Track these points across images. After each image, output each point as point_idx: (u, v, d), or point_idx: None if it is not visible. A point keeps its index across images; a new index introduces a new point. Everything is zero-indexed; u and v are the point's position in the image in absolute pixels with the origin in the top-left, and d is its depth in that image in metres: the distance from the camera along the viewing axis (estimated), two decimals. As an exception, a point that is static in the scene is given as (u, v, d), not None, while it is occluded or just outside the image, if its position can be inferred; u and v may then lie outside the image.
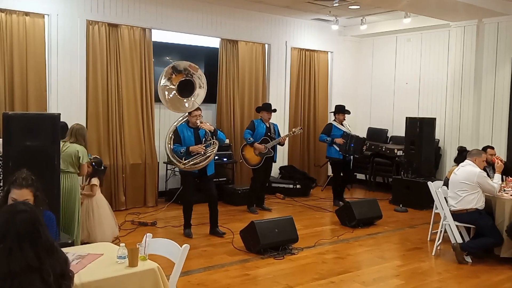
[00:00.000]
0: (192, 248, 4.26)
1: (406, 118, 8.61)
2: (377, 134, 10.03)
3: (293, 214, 6.29)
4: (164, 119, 8.22)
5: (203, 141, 6.00)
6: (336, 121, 8.16)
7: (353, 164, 9.82)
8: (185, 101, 5.99)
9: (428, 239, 6.19)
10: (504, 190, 5.62)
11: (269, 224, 5.61)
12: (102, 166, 5.83)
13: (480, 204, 5.36)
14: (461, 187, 5.39)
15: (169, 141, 6.11)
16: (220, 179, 8.01)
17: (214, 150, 5.98)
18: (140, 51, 7.65)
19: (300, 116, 9.83)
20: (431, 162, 8.56)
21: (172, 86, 5.90)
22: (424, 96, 9.51)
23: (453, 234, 5.46)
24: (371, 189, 9.60)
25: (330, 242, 6.07)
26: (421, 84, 9.57)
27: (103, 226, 5.52)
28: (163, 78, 5.87)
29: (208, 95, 6.24)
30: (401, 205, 8.03)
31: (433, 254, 5.63)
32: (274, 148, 7.56)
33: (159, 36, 8.00)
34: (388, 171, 9.39)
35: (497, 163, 5.66)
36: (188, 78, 5.96)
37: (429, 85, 9.43)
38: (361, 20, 9.17)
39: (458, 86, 8.59)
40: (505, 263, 5.24)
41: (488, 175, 5.57)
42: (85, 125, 6.77)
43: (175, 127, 6.12)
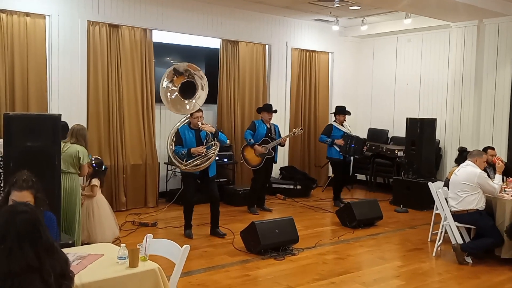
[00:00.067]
0: (192, 249, 4.26)
1: (407, 118, 8.61)
2: (378, 135, 10.03)
3: (294, 215, 6.30)
4: (164, 119, 8.23)
5: (204, 142, 6.00)
6: (337, 122, 8.17)
7: (353, 164, 9.86)
8: (186, 102, 6.00)
9: (429, 240, 6.19)
10: (505, 191, 5.62)
11: (269, 225, 5.61)
12: (103, 167, 5.83)
13: (481, 205, 5.36)
14: (461, 187, 5.38)
15: (171, 143, 6.12)
16: (220, 179, 8.00)
17: (215, 152, 5.99)
18: (141, 51, 7.66)
19: (301, 117, 9.83)
20: (432, 162, 8.56)
21: (174, 87, 5.92)
22: (425, 96, 9.51)
23: (453, 235, 5.46)
24: (372, 189, 9.59)
25: (331, 242, 6.07)
26: (421, 84, 9.57)
27: (104, 227, 5.52)
28: (165, 80, 5.89)
29: (209, 96, 6.26)
30: (401, 206, 8.03)
31: (433, 254, 5.63)
32: (274, 148, 7.56)
33: (159, 36, 8.01)
34: (389, 171, 9.39)
35: (498, 163, 5.66)
36: (190, 80, 5.97)
37: (429, 85, 9.43)
38: (362, 20, 9.17)
39: (458, 86, 8.59)
40: (506, 264, 5.24)
41: (488, 175, 5.57)
42: (85, 126, 6.77)
43: (176, 129, 6.13)
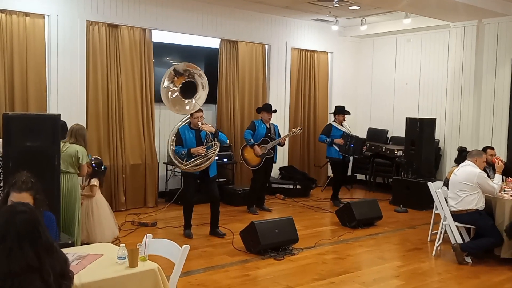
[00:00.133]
0: (192, 249, 4.25)
1: (406, 118, 8.61)
2: (377, 135, 10.03)
3: (293, 215, 6.30)
4: (164, 119, 8.23)
5: (205, 142, 6.00)
6: (336, 121, 8.17)
7: (353, 164, 9.89)
8: (186, 102, 6.00)
9: (428, 240, 6.19)
10: (504, 191, 5.62)
11: (269, 225, 5.61)
12: (102, 167, 5.83)
13: (480, 205, 5.36)
14: (461, 187, 5.38)
15: (171, 143, 6.12)
16: (220, 179, 8.00)
17: (215, 152, 5.98)
18: (140, 51, 7.65)
19: (300, 117, 9.83)
20: (431, 162, 8.56)
21: (175, 88, 5.93)
22: (424, 96, 9.51)
23: (453, 235, 5.46)
24: (371, 189, 9.59)
25: (330, 242, 6.07)
26: (421, 84, 9.57)
27: (103, 227, 5.52)
28: (166, 81, 5.89)
29: (208, 96, 6.25)
30: (401, 206, 8.03)
31: (433, 254, 5.63)
32: (274, 148, 7.56)
33: (159, 36, 8.01)
34: (388, 171, 9.39)
35: (497, 163, 5.66)
36: (190, 80, 5.98)
37: (429, 85, 9.43)
38: (361, 20, 9.16)
39: (458, 86, 8.59)
40: (505, 264, 5.24)
41: (488, 175, 5.57)
42: (85, 126, 6.77)
43: (177, 129, 6.14)
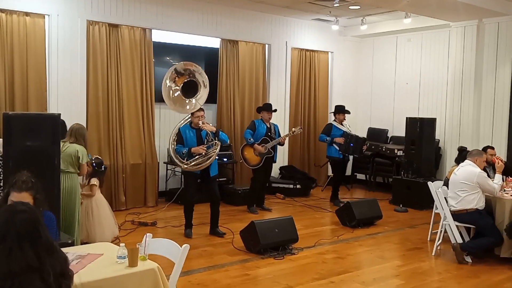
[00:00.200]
0: (192, 248, 4.26)
1: (406, 118, 8.61)
2: (377, 134, 10.03)
3: (293, 214, 6.30)
4: (164, 119, 8.23)
5: (205, 142, 6.00)
6: (336, 121, 8.18)
7: (353, 164, 9.89)
8: (187, 102, 6.00)
9: (428, 239, 6.19)
10: (504, 190, 5.62)
11: (269, 224, 5.61)
12: (102, 167, 5.82)
13: (480, 204, 5.36)
14: (461, 187, 5.38)
15: (173, 142, 6.13)
16: (220, 179, 8.00)
17: (216, 151, 5.99)
18: (141, 51, 7.65)
19: (300, 116, 9.83)
20: (431, 162, 8.56)
21: (176, 87, 5.94)
22: (424, 96, 9.51)
23: (453, 234, 5.46)
24: (371, 189, 9.60)
25: (330, 242, 6.07)
26: (421, 84, 9.57)
27: (103, 226, 5.52)
28: (168, 80, 5.90)
29: (209, 96, 6.25)
30: (401, 205, 8.03)
31: (433, 254, 5.63)
32: (274, 148, 7.56)
33: (159, 36, 8.01)
34: (388, 171, 9.39)
35: (498, 163, 5.66)
36: (192, 79, 5.98)
37: (429, 85, 9.43)
38: (362, 20, 9.16)
39: (458, 86, 8.59)
40: (505, 263, 5.24)
41: (488, 175, 5.57)
42: (85, 125, 6.78)
43: (178, 128, 6.15)
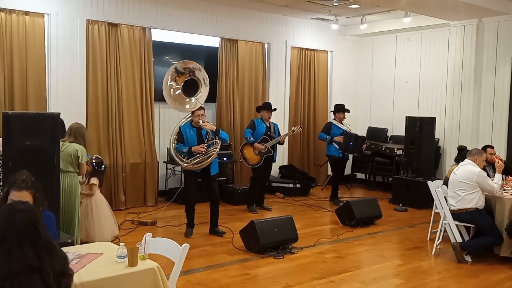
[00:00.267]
0: (192, 248, 4.25)
1: (406, 117, 8.61)
2: (377, 134, 10.02)
3: (293, 214, 6.29)
4: (164, 118, 8.23)
5: (205, 140, 6.00)
6: (336, 119, 8.18)
7: (353, 163, 9.88)
8: (187, 100, 6.01)
9: (428, 239, 6.19)
10: (504, 190, 5.62)
11: (269, 224, 5.61)
12: (102, 166, 5.82)
13: (480, 204, 5.35)
14: (460, 186, 5.38)
15: (173, 141, 6.14)
16: (220, 178, 8.00)
17: (216, 150, 5.99)
18: (140, 50, 7.65)
19: (300, 115, 9.83)
20: (431, 161, 8.56)
21: (177, 86, 5.95)
22: (424, 95, 9.51)
23: (453, 234, 5.47)
24: (371, 188, 9.59)
25: (330, 241, 6.07)
26: (421, 83, 9.57)
27: (102, 226, 5.52)
28: (169, 80, 5.90)
29: (208, 95, 6.26)
30: (401, 205, 8.02)
31: (433, 253, 5.63)
32: (274, 147, 7.56)
33: (159, 35, 8.00)
34: (388, 170, 9.39)
35: (497, 162, 5.65)
36: (192, 78, 5.98)
37: (429, 84, 9.43)
38: (361, 19, 9.16)
39: (458, 85, 8.59)
40: (505, 262, 5.24)
41: (488, 174, 5.57)
42: (85, 125, 6.77)
43: (179, 127, 6.15)
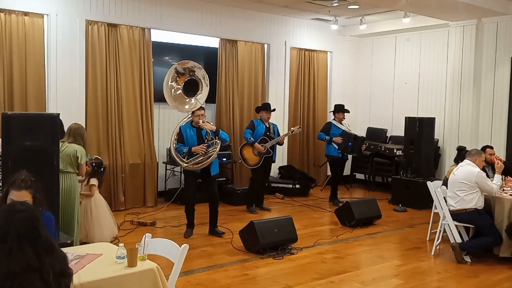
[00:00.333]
0: (191, 248, 4.26)
1: (406, 117, 8.61)
2: (377, 134, 10.03)
3: (293, 214, 6.30)
4: (163, 119, 8.23)
5: (206, 141, 6.00)
6: (336, 120, 8.19)
7: (352, 163, 9.88)
8: (187, 101, 6.01)
9: (428, 239, 6.19)
10: (503, 190, 5.62)
11: (268, 224, 5.61)
12: (102, 167, 5.82)
13: (480, 204, 5.36)
14: (459, 186, 5.38)
15: (174, 141, 6.15)
16: (219, 179, 8.00)
17: (216, 150, 5.99)
18: (140, 51, 7.65)
19: (300, 116, 9.83)
20: (431, 161, 8.57)
21: (178, 86, 5.96)
22: (424, 95, 9.51)
23: (452, 234, 5.47)
24: (371, 188, 9.59)
25: (330, 242, 6.07)
26: (420, 83, 9.57)
27: (101, 226, 5.52)
28: (170, 81, 5.91)
29: (208, 95, 6.26)
30: (400, 205, 8.03)
31: (432, 253, 5.64)
32: (273, 148, 7.56)
33: (158, 36, 8.00)
34: (388, 170, 9.39)
35: (497, 163, 5.65)
36: (192, 78, 5.99)
37: (428, 84, 9.43)
38: (361, 19, 9.16)
39: (457, 85, 8.59)
40: (504, 263, 5.25)
41: (487, 175, 5.57)
42: (84, 125, 6.77)
43: (179, 127, 6.16)
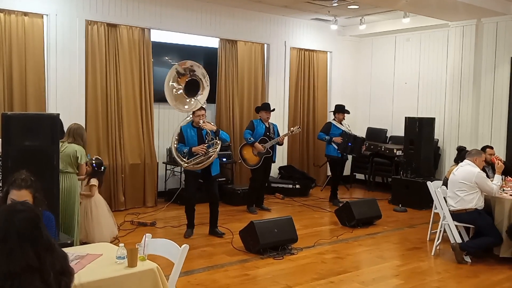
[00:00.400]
0: (191, 248, 4.26)
1: (405, 117, 8.61)
2: (377, 134, 10.03)
3: (293, 214, 6.30)
4: (163, 119, 8.23)
5: (206, 141, 6.00)
6: (336, 120, 8.18)
7: (352, 164, 9.88)
8: (187, 101, 6.01)
9: (428, 239, 6.19)
10: (503, 190, 5.61)
11: (268, 224, 5.61)
12: (102, 168, 5.81)
13: (480, 204, 5.35)
14: (459, 187, 5.38)
15: (175, 141, 6.15)
16: (219, 179, 8.00)
17: (216, 150, 5.99)
18: (139, 51, 7.64)
19: (300, 116, 9.83)
20: (430, 161, 8.57)
21: (179, 86, 5.97)
22: (423, 95, 9.51)
23: (452, 234, 5.46)
24: (371, 189, 9.59)
25: (330, 242, 6.07)
26: (420, 83, 9.57)
27: (101, 226, 5.52)
28: (171, 81, 5.92)
29: (208, 95, 6.25)
30: (400, 205, 8.03)
31: (432, 254, 5.63)
32: (273, 148, 7.56)
33: (158, 36, 8.00)
34: (388, 171, 9.39)
35: (497, 163, 5.65)
36: (192, 77, 5.99)
37: (428, 84, 9.43)
38: (360, 20, 9.16)
39: (457, 85, 8.59)
40: (504, 263, 5.24)
41: (487, 175, 5.56)
42: (84, 125, 6.77)
43: (180, 127, 6.17)
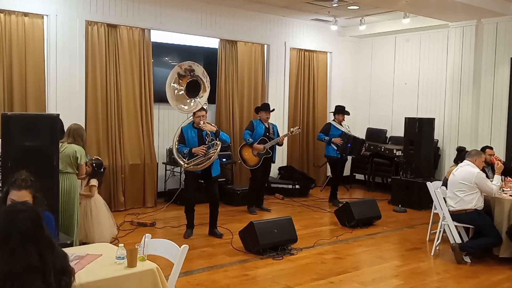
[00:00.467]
0: (191, 249, 4.26)
1: (405, 118, 8.61)
2: (376, 134, 10.03)
3: (292, 215, 6.30)
4: (163, 119, 8.23)
5: (206, 142, 6.00)
6: (335, 121, 8.18)
7: (352, 164, 9.89)
8: (188, 101, 6.02)
9: (427, 239, 6.20)
10: (503, 190, 5.62)
11: (268, 225, 5.61)
12: (102, 168, 5.82)
13: (479, 205, 5.36)
14: (459, 187, 5.39)
15: (176, 141, 6.16)
16: (219, 179, 7.99)
17: (216, 151, 5.99)
18: (139, 51, 7.65)
19: (299, 117, 9.83)
20: (430, 162, 8.57)
21: (181, 87, 5.98)
22: (423, 96, 9.51)
23: (452, 234, 5.47)
24: (370, 189, 9.60)
25: (329, 242, 6.07)
26: (420, 84, 9.58)
27: (101, 227, 5.52)
28: (172, 81, 5.92)
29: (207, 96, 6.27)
30: (400, 205, 8.03)
31: (432, 254, 5.64)
32: (272, 148, 7.56)
33: (158, 36, 8.00)
34: (387, 171, 9.39)
35: (497, 164, 5.65)
36: (193, 78, 6.00)
37: (428, 85, 9.44)
38: (360, 20, 9.17)
39: (457, 86, 8.60)
40: (504, 263, 5.25)
41: (487, 175, 5.56)
42: (84, 126, 6.77)
43: (180, 128, 6.17)
